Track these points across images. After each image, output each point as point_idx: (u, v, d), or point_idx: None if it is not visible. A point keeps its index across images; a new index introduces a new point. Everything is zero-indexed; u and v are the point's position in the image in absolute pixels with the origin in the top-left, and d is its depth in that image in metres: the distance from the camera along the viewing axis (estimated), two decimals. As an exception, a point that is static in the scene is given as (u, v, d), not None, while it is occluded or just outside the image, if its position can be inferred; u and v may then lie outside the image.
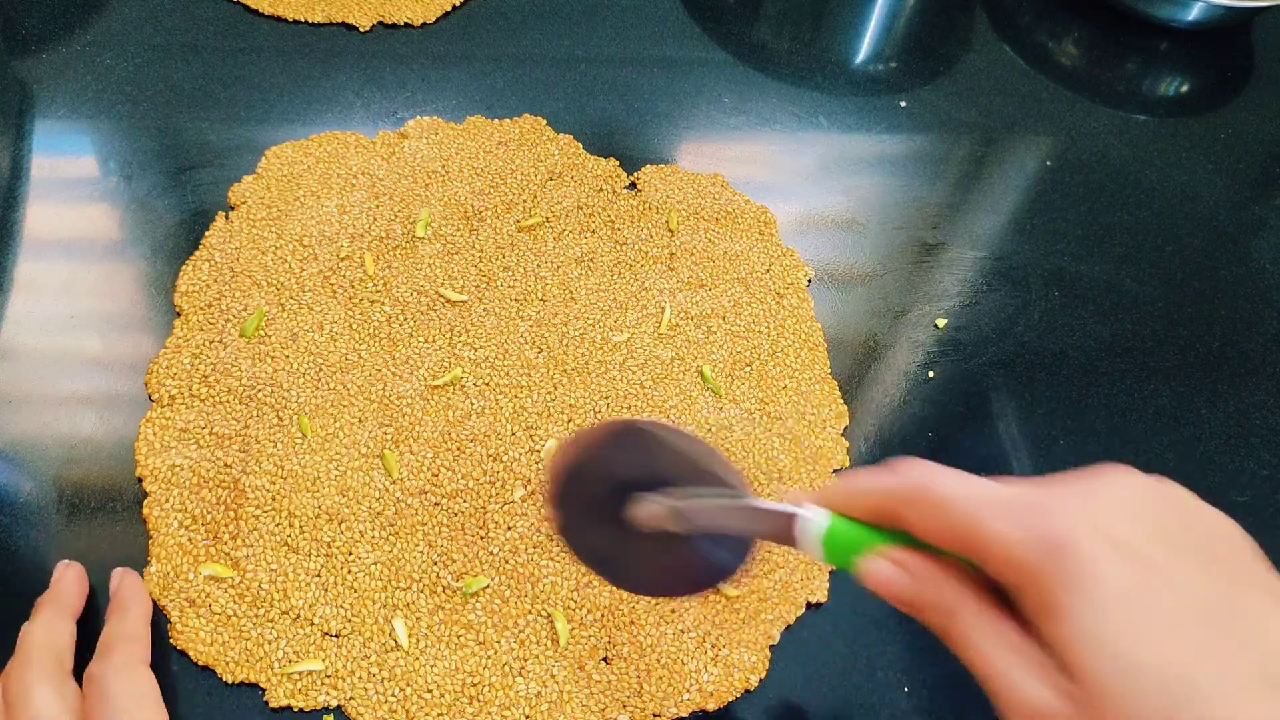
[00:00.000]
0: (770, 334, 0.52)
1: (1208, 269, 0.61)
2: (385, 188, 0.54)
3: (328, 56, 0.62)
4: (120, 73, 0.59)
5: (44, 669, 0.34)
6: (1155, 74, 0.74)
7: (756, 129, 0.64)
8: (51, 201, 0.52)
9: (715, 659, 0.41)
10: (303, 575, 0.41)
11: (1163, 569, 0.23)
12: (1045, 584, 0.23)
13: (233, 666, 0.39)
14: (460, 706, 0.39)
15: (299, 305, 0.49)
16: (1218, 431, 0.53)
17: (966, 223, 0.61)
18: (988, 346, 0.55)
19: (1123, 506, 0.24)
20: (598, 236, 0.55)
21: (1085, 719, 0.23)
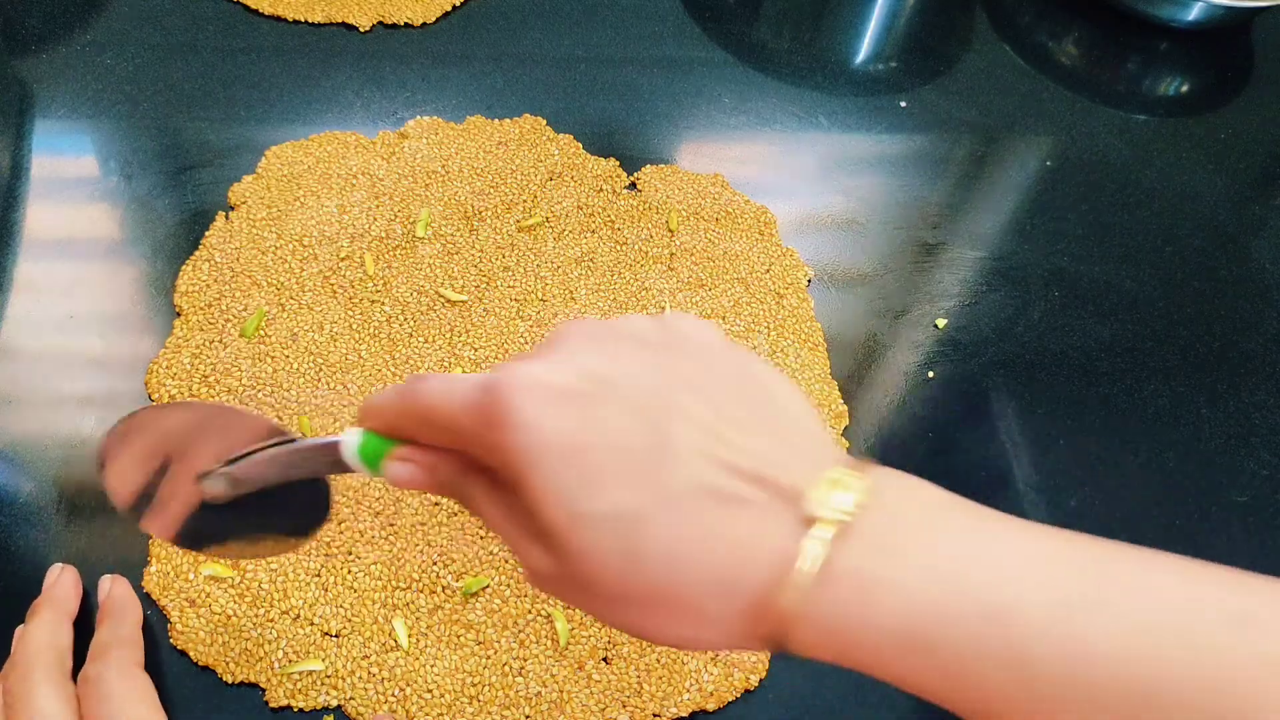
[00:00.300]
0: (770, 334, 0.52)
1: (1208, 269, 0.61)
2: (385, 188, 0.54)
3: (328, 56, 0.62)
4: (120, 73, 0.59)
5: (45, 670, 0.34)
6: (1155, 74, 0.74)
7: (756, 129, 0.64)
8: (51, 201, 0.52)
9: (715, 659, 0.41)
10: (303, 575, 0.41)
11: (599, 411, 0.24)
12: (499, 455, 0.25)
13: (233, 666, 0.39)
14: (460, 706, 0.39)
15: (299, 305, 0.49)
16: (1218, 431, 0.53)
17: (966, 223, 0.61)
18: (988, 346, 0.55)
19: (562, 355, 0.26)
20: (598, 236, 0.55)
21: (569, 574, 0.24)
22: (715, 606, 0.23)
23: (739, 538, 0.23)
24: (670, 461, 0.24)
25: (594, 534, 0.24)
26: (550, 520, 0.24)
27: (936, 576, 0.22)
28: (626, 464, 0.24)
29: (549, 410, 0.24)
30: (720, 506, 0.23)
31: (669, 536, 0.23)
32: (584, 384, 0.25)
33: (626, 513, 0.23)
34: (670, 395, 0.25)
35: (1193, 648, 0.20)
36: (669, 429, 0.24)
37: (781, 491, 0.23)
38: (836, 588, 0.22)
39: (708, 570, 0.23)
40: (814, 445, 0.25)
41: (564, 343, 0.27)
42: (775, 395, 0.26)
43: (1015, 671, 0.21)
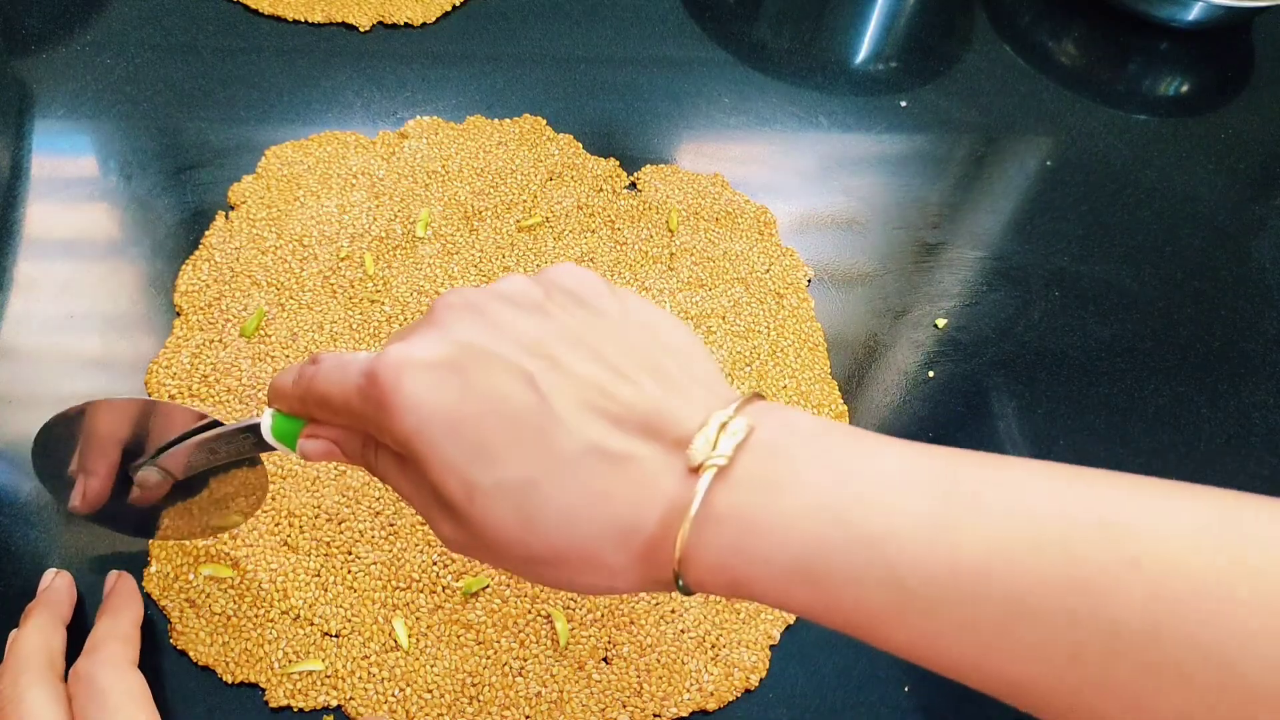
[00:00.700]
0: (770, 334, 0.52)
1: (1208, 269, 0.61)
2: (385, 188, 0.54)
3: (328, 56, 0.62)
4: (120, 73, 0.59)
5: (39, 673, 0.34)
6: (1155, 74, 0.74)
7: (756, 129, 0.64)
8: (51, 201, 0.52)
9: (715, 659, 0.41)
10: (302, 575, 0.41)
11: (479, 380, 0.25)
12: (392, 436, 0.26)
13: (233, 666, 0.39)
14: (460, 706, 0.39)
15: (299, 305, 0.49)
16: (1218, 431, 0.53)
17: (966, 223, 0.61)
18: (988, 346, 0.55)
19: (439, 328, 0.26)
20: (598, 236, 0.55)
21: (476, 540, 0.25)
22: (615, 558, 0.24)
23: (628, 493, 0.24)
24: (555, 423, 0.24)
25: (490, 502, 0.24)
26: (449, 493, 0.25)
27: (814, 509, 0.23)
28: (513, 430, 0.24)
29: (430, 387, 0.25)
30: (608, 464, 0.24)
31: (561, 499, 0.24)
32: (462, 355, 0.25)
33: (518, 480, 0.24)
34: (549, 353, 0.25)
35: (1059, 555, 0.21)
36: (550, 389, 0.25)
37: (668, 441, 0.24)
38: (720, 529, 0.23)
39: (601, 526, 0.24)
40: (701, 386, 0.26)
41: (440, 315, 0.27)
42: (662, 337, 0.27)
43: (894, 593, 0.22)
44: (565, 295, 0.28)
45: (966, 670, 0.22)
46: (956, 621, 0.21)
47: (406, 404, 0.25)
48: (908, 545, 0.22)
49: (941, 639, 0.22)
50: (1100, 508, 0.21)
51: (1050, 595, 0.20)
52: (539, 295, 0.27)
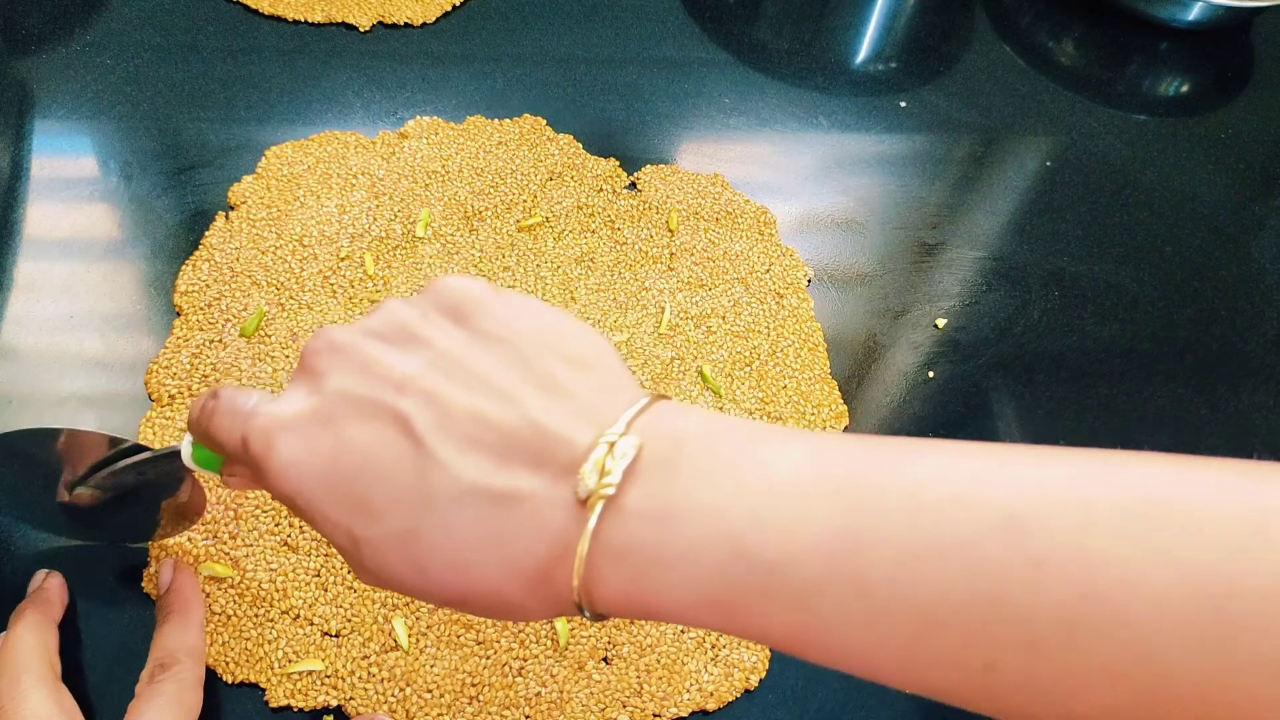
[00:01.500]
0: (770, 334, 0.52)
1: (1208, 269, 0.61)
2: (385, 188, 0.54)
3: (328, 56, 0.62)
4: (120, 73, 0.59)
5: (37, 674, 0.33)
6: (1155, 74, 0.74)
7: (756, 129, 0.64)
8: (51, 201, 0.52)
9: (715, 659, 0.41)
10: (303, 575, 0.41)
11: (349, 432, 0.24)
12: (272, 494, 0.25)
13: (233, 666, 0.39)
14: (460, 706, 0.39)
15: (299, 305, 0.49)
16: (1218, 432, 0.53)
17: (966, 223, 0.61)
18: (988, 346, 0.55)
19: (309, 380, 0.26)
20: (598, 236, 0.55)
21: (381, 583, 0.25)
22: (517, 598, 0.23)
23: (517, 533, 0.23)
24: (433, 466, 0.23)
25: (380, 554, 0.24)
26: (340, 545, 0.24)
27: (710, 539, 0.21)
28: (389, 480, 0.23)
29: (301, 448, 0.24)
30: (493, 505, 0.23)
31: (447, 546, 0.23)
32: (330, 406, 0.24)
33: (401, 531, 0.23)
34: (424, 388, 0.24)
35: (964, 564, 0.20)
36: (426, 429, 0.23)
37: (556, 467, 0.23)
38: (616, 565, 0.22)
39: (495, 569, 0.23)
40: (598, 394, 0.24)
41: (308, 363, 0.26)
42: (557, 344, 0.25)
43: (802, 615, 0.21)
44: (444, 314, 0.26)
45: (888, 680, 0.21)
46: (870, 639, 0.21)
47: (278, 468, 0.24)
48: (809, 568, 0.21)
49: (857, 655, 0.21)
50: (1003, 501, 0.20)
51: (959, 607, 0.20)
52: (414, 321, 0.26)
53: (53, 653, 0.35)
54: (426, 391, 0.24)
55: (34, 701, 0.32)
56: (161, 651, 0.35)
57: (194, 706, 0.34)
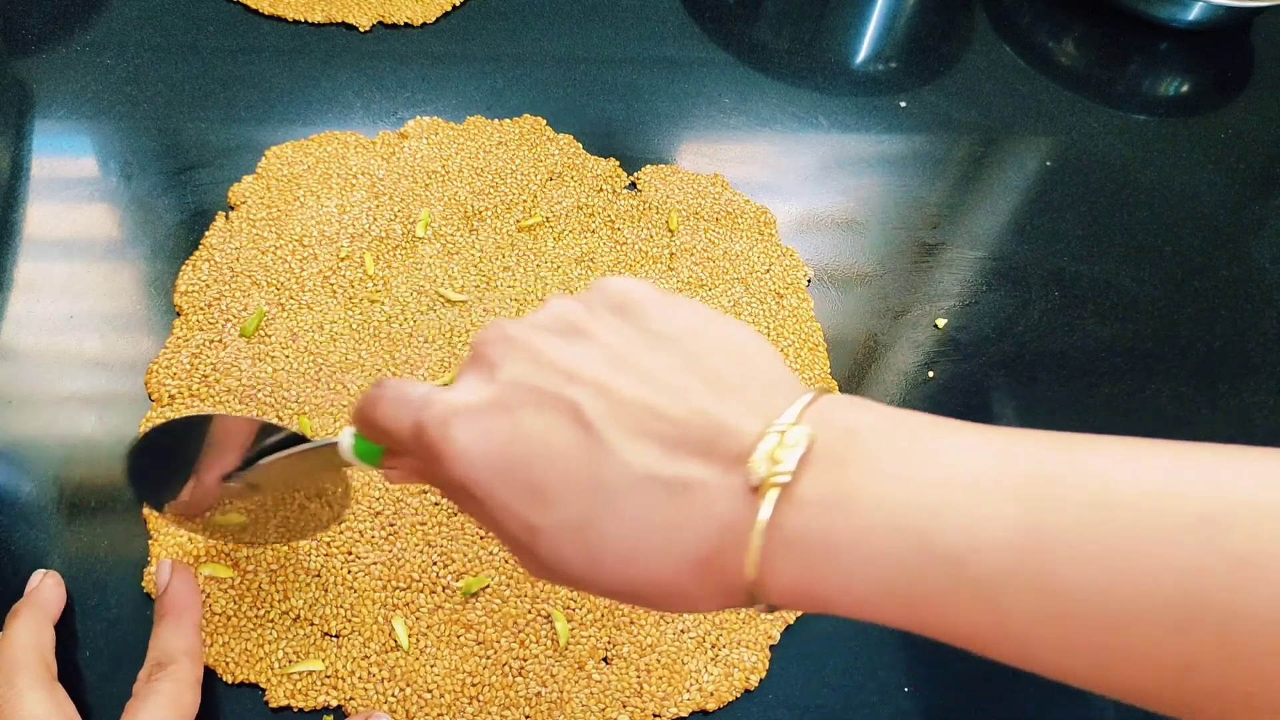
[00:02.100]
0: (770, 334, 0.52)
1: (1208, 269, 0.61)
2: (385, 188, 0.54)
3: (328, 56, 0.62)
4: (120, 73, 0.59)
5: (34, 674, 0.33)
6: (1155, 74, 0.74)
7: (756, 129, 0.64)
8: (51, 201, 0.52)
9: (715, 659, 0.41)
10: (303, 575, 0.41)
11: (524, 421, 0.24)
12: (446, 481, 0.26)
13: (233, 666, 0.39)
14: (460, 706, 0.39)
15: (299, 305, 0.49)
16: (1218, 432, 0.53)
17: (966, 223, 0.61)
18: (988, 346, 0.55)
19: (482, 370, 0.26)
20: (598, 236, 0.55)
21: (550, 574, 0.25)
22: (689, 586, 0.23)
23: (690, 520, 0.23)
24: (606, 455, 0.23)
25: (553, 543, 0.24)
26: (513, 535, 0.25)
27: (890, 528, 0.21)
28: (563, 468, 0.24)
29: (477, 435, 0.24)
30: (666, 492, 0.23)
31: (621, 533, 0.23)
32: (505, 395, 0.25)
33: (575, 518, 0.23)
34: (594, 379, 0.24)
35: (1160, 562, 0.19)
36: (598, 418, 0.24)
37: (727, 457, 0.23)
38: (791, 553, 0.22)
39: (667, 557, 0.23)
40: (762, 388, 0.24)
41: (480, 354, 0.27)
42: (719, 341, 0.25)
43: (986, 611, 0.20)
44: (609, 311, 0.26)
45: (1078, 680, 0.21)
46: (1058, 638, 0.20)
47: (456, 455, 0.25)
48: (994, 563, 0.20)
49: (1045, 654, 0.21)
50: (1199, 497, 0.19)
51: (1154, 606, 0.19)
52: (581, 316, 0.26)
53: (49, 652, 0.35)
54: (596, 382, 0.24)
55: (30, 702, 0.32)
56: (159, 651, 0.35)
57: (192, 706, 0.34)
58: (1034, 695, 0.42)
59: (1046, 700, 0.42)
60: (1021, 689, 0.42)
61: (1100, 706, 0.42)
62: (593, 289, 0.27)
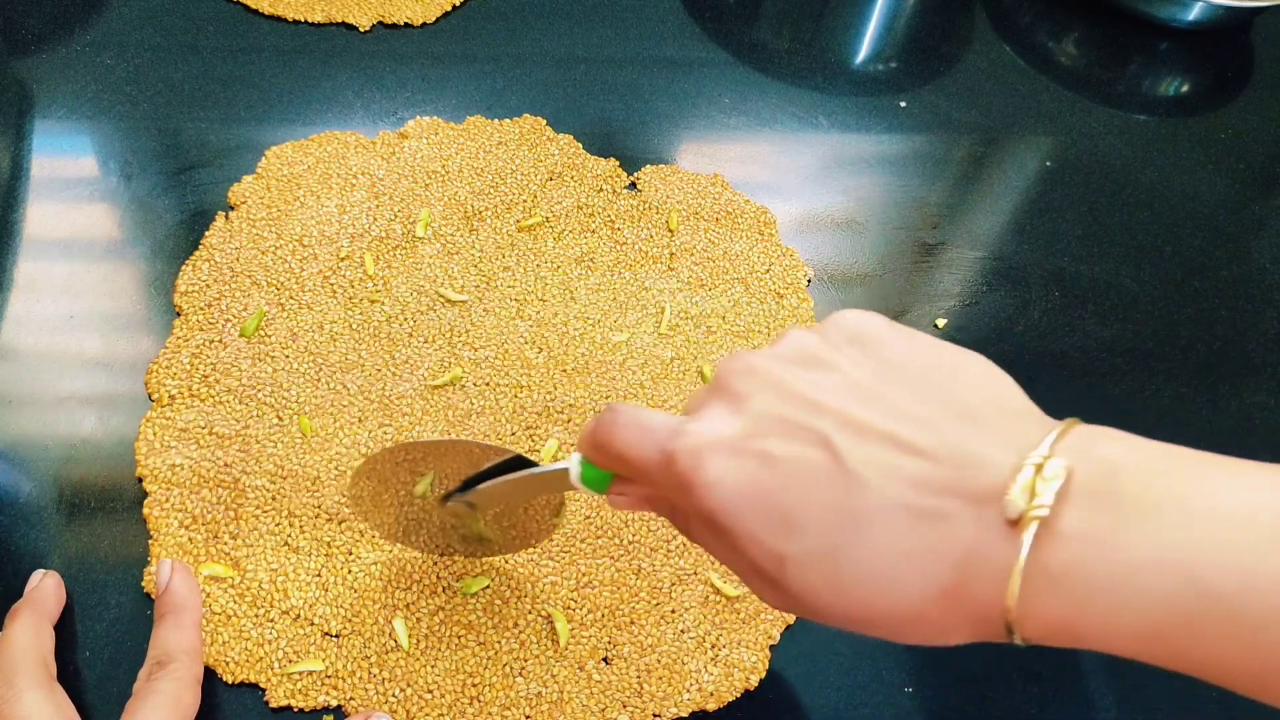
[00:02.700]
0: (770, 334, 0.52)
1: (1208, 269, 0.61)
2: (385, 188, 0.54)
3: (328, 56, 0.62)
4: (120, 73, 0.59)
5: (33, 675, 0.33)
6: (1155, 74, 0.74)
7: (756, 129, 0.64)
8: (51, 201, 0.52)
9: (715, 659, 0.41)
10: (303, 575, 0.41)
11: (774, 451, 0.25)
12: (696, 511, 0.26)
13: (233, 666, 0.39)
14: (460, 706, 0.39)
15: (299, 305, 0.49)
16: (1218, 432, 0.53)
17: (966, 223, 0.61)
18: (988, 346, 0.54)
19: (728, 401, 0.27)
20: (598, 236, 0.55)
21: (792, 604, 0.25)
22: (937, 616, 0.23)
23: (942, 551, 0.23)
24: (855, 485, 0.24)
25: (801, 570, 0.24)
26: (759, 564, 0.25)
27: (1156, 565, 0.21)
28: (814, 498, 0.24)
29: (729, 467, 0.25)
30: (916, 522, 0.23)
31: (871, 562, 0.23)
32: (755, 427, 0.25)
33: (825, 547, 0.24)
34: (841, 411, 0.25)
35: None
36: (846, 450, 0.24)
37: (979, 489, 0.23)
38: (1052, 587, 0.22)
39: (917, 587, 0.23)
40: (1010, 420, 0.24)
41: (727, 385, 0.27)
42: (959, 373, 0.26)
43: (1261, 654, 0.20)
44: (849, 344, 0.27)
45: None
46: None
47: (708, 485, 0.25)
48: (1273, 602, 0.20)
49: None
50: None
51: None
52: (821, 348, 0.27)
53: (48, 653, 0.35)
54: (842, 413, 0.25)
55: (29, 702, 0.32)
56: (159, 650, 0.35)
57: (191, 705, 0.34)
58: (1034, 695, 0.42)
59: (1047, 700, 0.42)
60: (1022, 689, 0.42)
61: (1102, 708, 0.42)
62: (828, 322, 0.28)
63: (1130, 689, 0.43)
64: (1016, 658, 0.43)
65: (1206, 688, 0.31)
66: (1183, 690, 0.43)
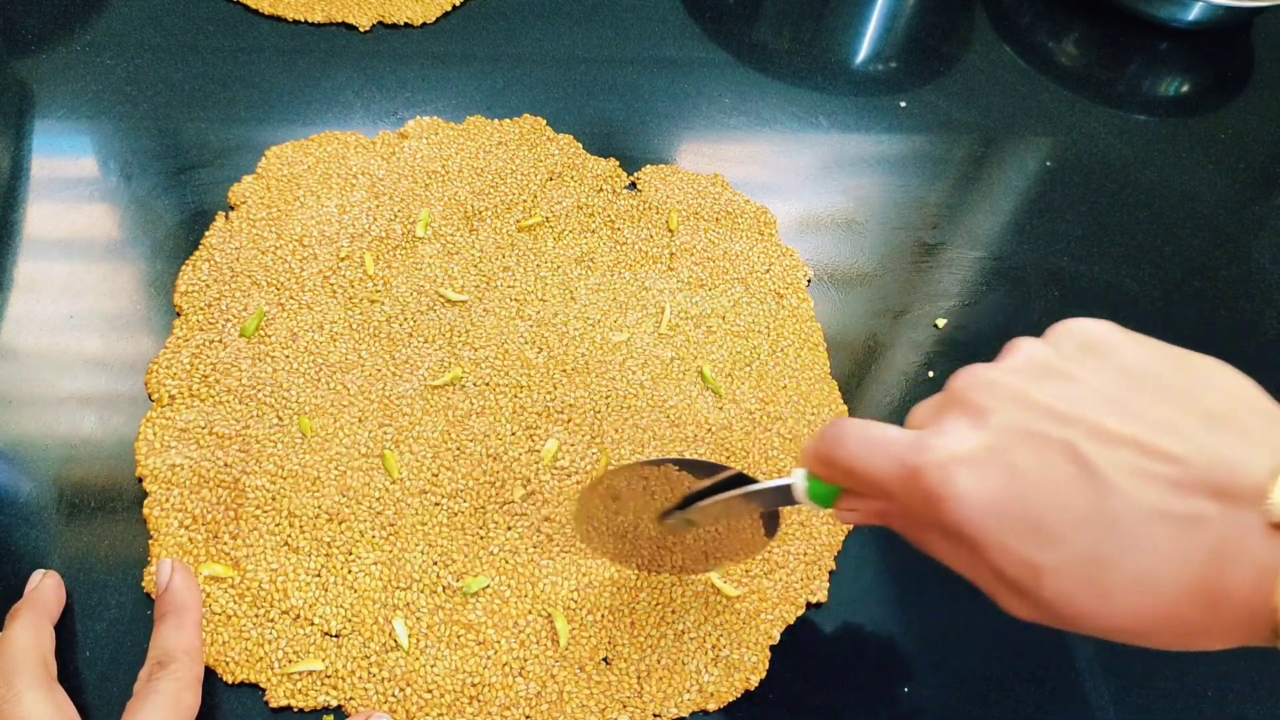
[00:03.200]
0: (770, 334, 0.52)
1: (1208, 269, 0.61)
2: (385, 188, 0.54)
3: (328, 56, 0.62)
4: (120, 73, 0.59)
5: (33, 675, 0.33)
6: (1155, 74, 0.74)
7: (756, 129, 0.64)
8: (51, 201, 0.52)
9: (715, 659, 0.41)
10: (303, 575, 0.41)
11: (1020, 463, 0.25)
12: (941, 524, 0.26)
13: (233, 666, 0.39)
14: (460, 706, 0.39)
15: (299, 305, 0.49)
16: (1218, 431, 0.53)
17: (966, 223, 0.61)
18: (987, 346, 0.54)
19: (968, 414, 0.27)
20: (598, 236, 0.55)
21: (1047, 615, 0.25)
22: (1200, 620, 0.24)
23: (1200, 555, 0.23)
24: (1109, 493, 0.24)
25: (1058, 581, 0.24)
26: (1012, 576, 0.25)
27: None
28: (1066, 507, 0.24)
29: (977, 479, 0.25)
30: (1174, 527, 0.23)
31: (1131, 569, 0.23)
32: (1000, 440, 0.25)
33: (1083, 556, 0.24)
34: (1084, 419, 0.25)
35: None
36: (1095, 458, 0.24)
37: (1236, 492, 0.23)
38: None
39: (1179, 591, 0.23)
40: (1261, 427, 0.24)
41: (965, 399, 0.27)
42: (1205, 379, 0.26)
43: None
44: (1083, 353, 0.27)
45: None
46: None
47: (957, 498, 0.25)
48: None
49: None
50: None
51: None
52: (1057, 359, 0.27)
53: (48, 653, 0.35)
54: (1087, 421, 0.25)
55: (28, 702, 0.32)
56: (159, 650, 0.35)
57: (192, 706, 0.34)
58: (1034, 695, 0.42)
59: (1046, 700, 0.42)
60: (1021, 689, 0.42)
61: (1100, 707, 0.42)
62: (1058, 331, 0.28)
63: (1129, 689, 0.43)
64: (1016, 658, 0.43)
65: (1203, 686, 0.32)
66: (1180, 690, 0.43)
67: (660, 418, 0.48)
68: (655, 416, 0.48)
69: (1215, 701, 0.43)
